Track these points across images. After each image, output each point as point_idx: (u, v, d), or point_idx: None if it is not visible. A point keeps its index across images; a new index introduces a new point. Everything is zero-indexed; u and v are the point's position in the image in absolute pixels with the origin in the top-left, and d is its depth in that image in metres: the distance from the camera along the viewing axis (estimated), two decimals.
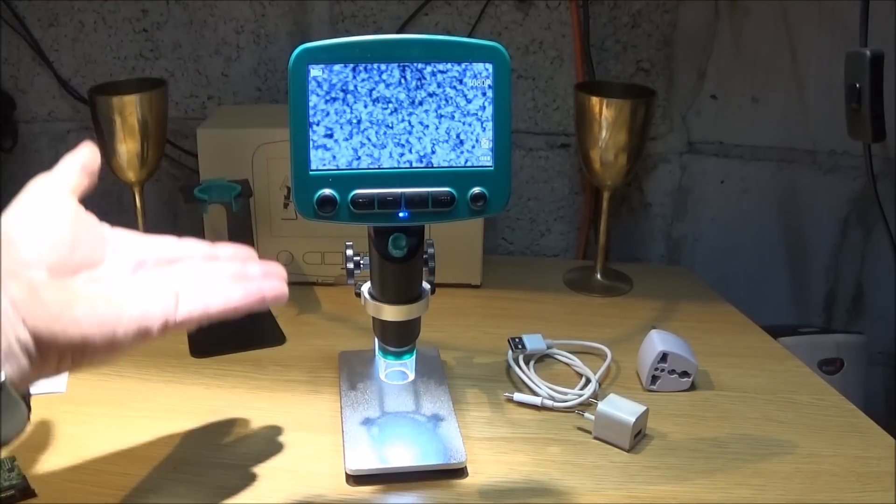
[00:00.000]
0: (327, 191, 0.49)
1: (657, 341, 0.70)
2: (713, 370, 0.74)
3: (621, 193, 1.02)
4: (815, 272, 1.03)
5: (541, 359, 0.75)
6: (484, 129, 0.50)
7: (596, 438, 0.63)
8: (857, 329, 1.01)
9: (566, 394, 0.68)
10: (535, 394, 0.68)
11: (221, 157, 0.84)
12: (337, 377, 0.70)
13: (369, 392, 0.66)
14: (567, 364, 0.74)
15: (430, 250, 0.58)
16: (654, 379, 0.70)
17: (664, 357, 0.69)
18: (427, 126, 0.50)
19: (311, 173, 0.49)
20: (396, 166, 0.50)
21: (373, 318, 0.58)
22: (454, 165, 0.51)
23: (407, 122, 0.50)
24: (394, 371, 0.61)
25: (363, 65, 0.48)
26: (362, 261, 0.58)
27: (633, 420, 0.61)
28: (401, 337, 0.58)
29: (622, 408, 0.62)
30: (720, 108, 0.98)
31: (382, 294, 0.56)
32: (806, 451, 0.63)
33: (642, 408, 0.63)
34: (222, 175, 0.80)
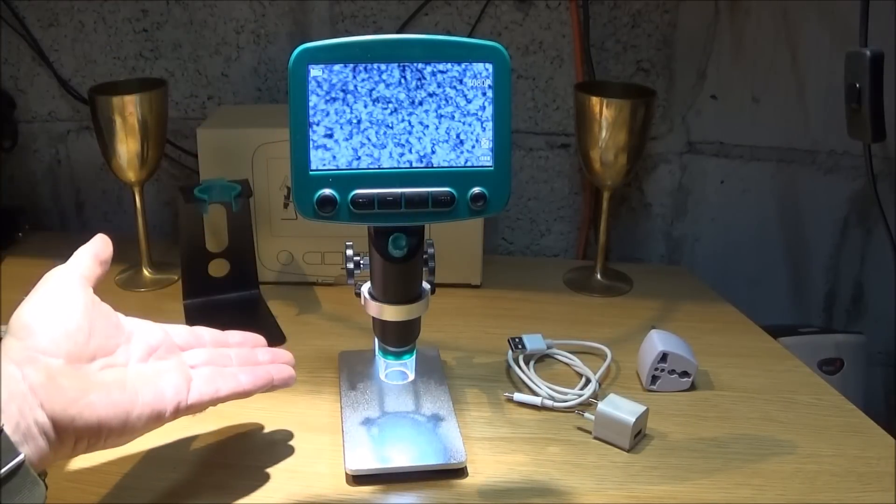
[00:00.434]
0: (327, 191, 0.49)
1: (657, 341, 0.70)
2: (713, 370, 0.74)
3: (621, 193, 1.02)
4: (815, 272, 1.03)
5: (541, 359, 0.75)
6: (484, 129, 0.50)
7: (596, 438, 0.63)
8: (857, 329, 1.01)
9: (566, 394, 0.68)
10: (535, 394, 0.68)
11: (221, 157, 0.84)
12: (337, 377, 0.70)
13: (369, 392, 0.66)
14: (567, 364, 0.74)
15: (430, 250, 0.58)
16: (654, 379, 0.70)
17: (664, 357, 0.69)
18: (427, 126, 0.50)
19: (311, 173, 0.49)
20: (396, 166, 0.50)
21: (373, 318, 0.58)
22: (454, 165, 0.51)
23: (407, 122, 0.50)
24: (394, 371, 0.60)
25: (363, 65, 0.48)
26: (362, 261, 0.58)
27: (633, 420, 0.61)
28: (401, 337, 0.58)
29: (622, 408, 0.62)
30: (720, 108, 0.98)
31: (382, 294, 0.56)
32: (806, 451, 0.63)
33: (642, 408, 0.63)
34: (222, 175, 0.80)
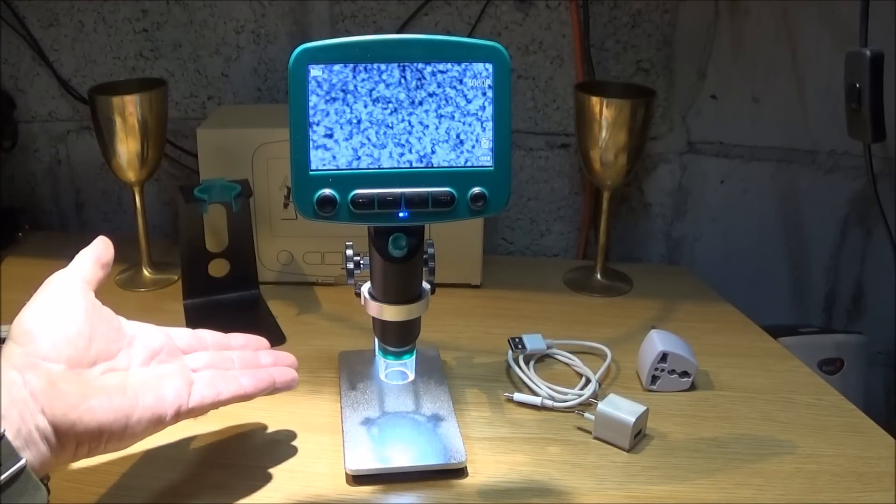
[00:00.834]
0: (327, 191, 0.49)
1: (657, 341, 0.70)
2: (713, 370, 0.74)
3: (621, 193, 1.02)
4: (815, 272, 1.03)
5: (541, 359, 0.75)
6: (484, 129, 0.50)
7: (596, 438, 0.63)
8: (857, 329, 1.01)
9: (566, 394, 0.68)
10: (535, 394, 0.68)
11: (221, 157, 0.84)
12: (337, 377, 0.70)
13: (369, 392, 0.66)
14: (567, 364, 0.74)
15: (430, 250, 0.58)
16: (654, 379, 0.70)
17: (664, 357, 0.69)
18: (427, 126, 0.50)
19: (311, 173, 0.49)
20: (396, 166, 0.50)
21: (373, 318, 0.58)
22: (454, 165, 0.51)
23: (407, 122, 0.50)
24: (394, 371, 0.60)
25: (363, 65, 0.48)
26: (362, 261, 0.58)
27: (633, 420, 0.61)
28: (401, 337, 0.58)
29: (622, 408, 0.62)
30: (720, 108, 0.98)
31: (382, 294, 0.56)
32: (806, 451, 0.63)
33: (642, 408, 0.63)
34: (222, 175, 0.80)
